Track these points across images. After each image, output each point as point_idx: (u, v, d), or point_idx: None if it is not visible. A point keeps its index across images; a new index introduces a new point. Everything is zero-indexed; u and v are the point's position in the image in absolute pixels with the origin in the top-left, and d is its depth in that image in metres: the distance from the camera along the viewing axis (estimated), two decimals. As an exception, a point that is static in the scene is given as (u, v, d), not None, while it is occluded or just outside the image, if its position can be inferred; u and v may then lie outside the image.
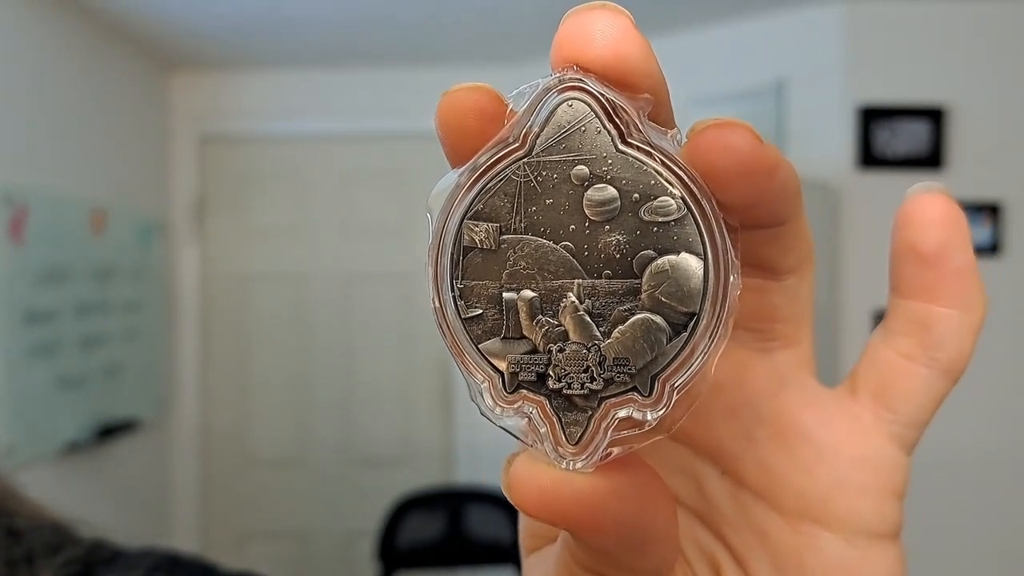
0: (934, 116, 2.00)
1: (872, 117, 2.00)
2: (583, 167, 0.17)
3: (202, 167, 2.68)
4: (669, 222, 0.17)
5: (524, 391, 0.17)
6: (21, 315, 1.83)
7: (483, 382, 0.18)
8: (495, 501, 2.18)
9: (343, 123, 2.68)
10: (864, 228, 1.97)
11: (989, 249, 1.96)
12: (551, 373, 0.17)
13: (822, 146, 2.05)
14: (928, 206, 0.19)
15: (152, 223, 2.51)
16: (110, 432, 2.17)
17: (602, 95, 0.17)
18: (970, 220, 0.20)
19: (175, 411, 2.64)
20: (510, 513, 2.15)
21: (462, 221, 0.17)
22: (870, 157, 2.01)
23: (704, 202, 0.17)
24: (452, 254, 0.17)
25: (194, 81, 2.66)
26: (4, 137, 1.84)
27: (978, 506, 1.97)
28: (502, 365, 0.17)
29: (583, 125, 0.17)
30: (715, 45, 2.19)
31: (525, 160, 0.17)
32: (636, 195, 0.17)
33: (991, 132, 2.00)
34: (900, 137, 2.00)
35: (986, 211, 1.97)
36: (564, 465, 0.17)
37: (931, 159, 1.99)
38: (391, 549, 2.13)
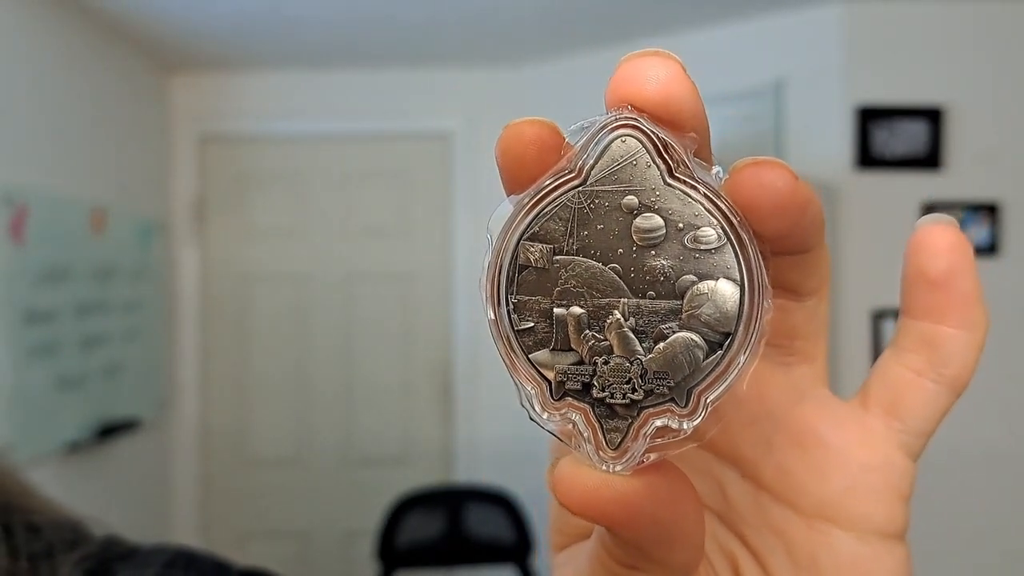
0: (932, 116, 2.00)
1: (870, 117, 2.01)
2: (633, 197, 0.19)
3: (202, 167, 2.69)
4: (710, 250, 0.19)
5: (570, 399, 0.19)
6: (21, 315, 1.83)
7: (532, 389, 0.19)
8: (494, 500, 2.19)
9: (343, 123, 2.68)
10: (862, 228, 1.98)
11: (987, 249, 1.96)
12: (595, 383, 0.19)
13: (821, 146, 2.06)
14: (938, 236, 0.20)
15: (152, 223, 2.51)
16: (110, 432, 2.18)
17: (653, 133, 0.19)
18: (968, 220, 0.21)
19: (175, 411, 2.65)
20: (509, 513, 2.16)
21: (519, 242, 0.19)
22: (868, 157, 2.01)
23: (743, 233, 0.19)
24: (508, 271, 0.19)
25: (194, 81, 2.67)
26: (4, 137, 1.84)
27: (978, 505, 1.98)
28: (550, 374, 0.19)
29: (634, 159, 0.19)
30: (715, 45, 2.20)
31: (580, 188, 0.19)
32: (681, 224, 0.19)
33: (990, 132, 2.01)
34: (899, 137, 2.00)
35: (984, 211, 1.98)
36: (604, 468, 0.19)
37: (929, 159, 2.00)
38: (391, 548, 2.13)
